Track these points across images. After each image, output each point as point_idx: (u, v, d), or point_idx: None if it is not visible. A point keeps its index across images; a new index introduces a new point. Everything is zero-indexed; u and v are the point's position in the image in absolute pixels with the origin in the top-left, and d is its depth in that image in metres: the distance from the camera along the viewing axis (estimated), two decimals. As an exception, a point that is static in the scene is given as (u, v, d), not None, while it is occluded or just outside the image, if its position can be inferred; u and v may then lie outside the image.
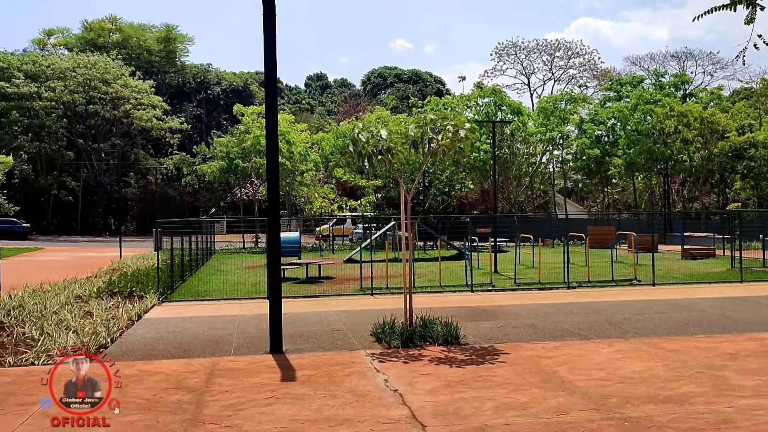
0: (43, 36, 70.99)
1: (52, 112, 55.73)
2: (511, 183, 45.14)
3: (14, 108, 53.96)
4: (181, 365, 8.30)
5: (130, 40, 68.72)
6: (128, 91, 57.61)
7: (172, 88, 67.99)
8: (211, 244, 29.65)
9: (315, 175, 43.96)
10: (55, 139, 56.95)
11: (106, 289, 15.52)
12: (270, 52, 9.10)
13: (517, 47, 70.60)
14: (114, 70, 58.45)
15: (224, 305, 13.87)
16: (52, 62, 58.06)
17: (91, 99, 56.36)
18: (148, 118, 57.57)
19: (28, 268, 24.11)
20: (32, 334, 10.09)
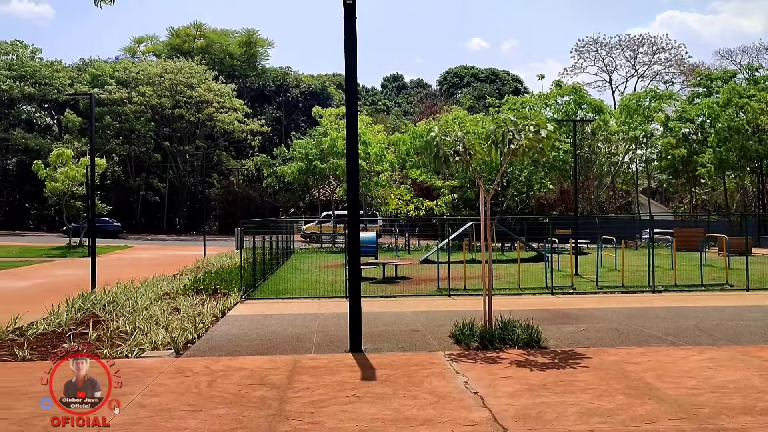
0: (133, 44, 74.51)
1: (141, 116, 58.39)
2: (592, 183, 43.95)
3: (107, 113, 56.82)
4: (265, 362, 8.52)
5: (213, 46, 71.09)
6: (211, 94, 59.63)
7: (253, 92, 69.87)
8: (291, 244, 30.28)
9: (391, 176, 44.19)
10: (143, 142, 59.60)
11: (192, 287, 16.11)
12: (350, 53, 9.21)
13: (599, 44, 68.71)
14: (198, 74, 60.63)
15: (304, 303, 14.13)
16: (141, 68, 60.80)
17: (177, 103, 58.69)
18: (230, 121, 59.42)
19: (120, 265, 25.35)
20: (125, 328, 10.59)
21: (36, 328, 10.65)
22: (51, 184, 36.69)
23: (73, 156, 38.32)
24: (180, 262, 24.64)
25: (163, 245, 42.24)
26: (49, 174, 36.95)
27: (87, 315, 12.03)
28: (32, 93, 58.90)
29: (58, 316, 11.56)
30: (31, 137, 57.87)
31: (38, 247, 36.79)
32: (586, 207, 43.03)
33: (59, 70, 62.03)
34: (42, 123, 64.08)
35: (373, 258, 23.09)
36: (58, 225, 51.44)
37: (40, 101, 61.87)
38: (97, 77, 60.54)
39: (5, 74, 58.15)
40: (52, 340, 10.05)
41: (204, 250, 29.27)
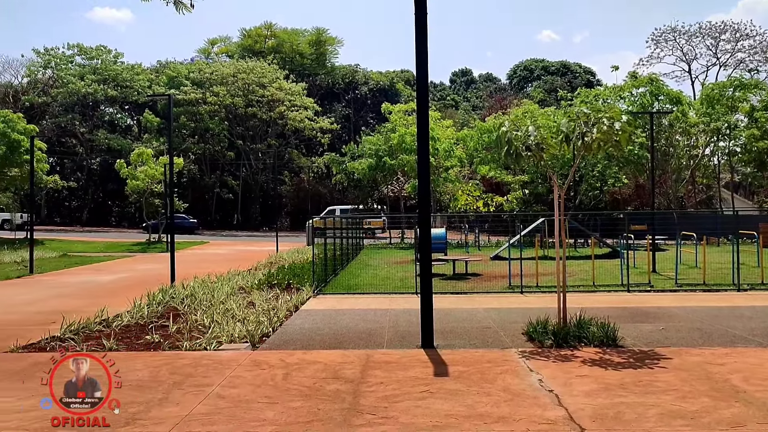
0: (207, 45, 76.77)
1: (215, 115, 60.10)
2: (670, 177, 42.35)
3: (183, 113, 58.76)
4: (338, 356, 8.63)
5: (284, 45, 72.38)
6: (282, 93, 60.76)
7: (323, 90, 70.77)
8: (360, 240, 30.54)
9: (460, 172, 43.90)
10: (217, 141, 61.32)
11: (265, 281, 16.49)
12: (421, 48, 9.19)
13: (677, 32, 66.06)
14: (270, 74, 61.89)
15: (374, 299, 14.22)
16: (215, 69, 62.57)
17: (250, 102, 60.10)
18: (301, 119, 60.41)
19: (197, 260, 26.19)
20: (203, 321, 10.94)
21: (121, 320, 11.15)
22: (132, 182, 38.24)
23: (152, 155, 39.84)
24: (253, 258, 25.25)
25: (237, 241, 43.39)
26: (130, 173, 38.53)
27: (167, 308, 12.49)
28: (114, 95, 61.55)
29: (140, 309, 12.06)
30: (114, 137, 60.48)
31: (120, 243, 38.45)
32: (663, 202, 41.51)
33: (139, 73, 64.56)
34: (123, 124, 66.85)
35: (443, 254, 23.01)
36: (138, 221, 53.60)
37: (121, 103, 64.58)
38: (174, 78, 62.67)
39: (90, 78, 60.96)
40: (135, 331, 10.49)
41: (276, 246, 29.89)
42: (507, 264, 16.98)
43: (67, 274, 21.75)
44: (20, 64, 66.87)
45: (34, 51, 64.13)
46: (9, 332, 10.52)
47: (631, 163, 40.98)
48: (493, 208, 40.37)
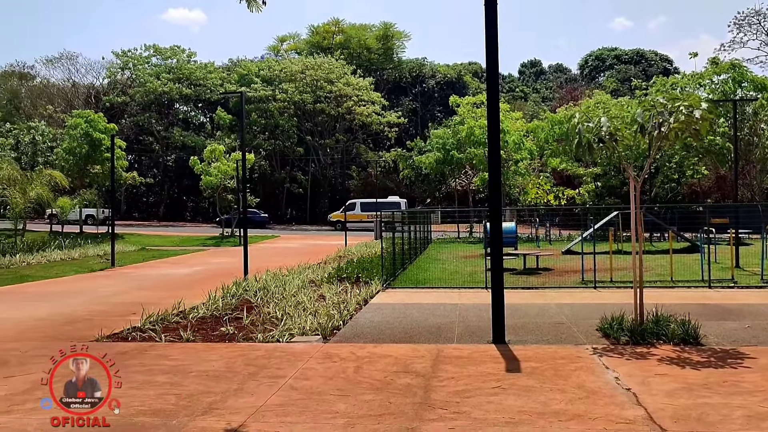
0: (277, 43, 78.09)
1: (284, 112, 61.14)
2: (754, 168, 40.33)
3: (254, 110, 60.04)
4: (408, 350, 8.62)
5: (351, 41, 72.87)
6: (350, 89, 61.22)
7: (390, 84, 70.89)
8: (428, 234, 30.46)
9: (530, 164, 43.12)
10: (287, 137, 62.39)
11: (335, 275, 16.67)
12: (491, 39, 9.06)
13: (761, 15, 62.74)
14: (337, 69, 62.44)
15: (443, 293, 14.15)
16: (284, 66, 63.62)
17: (318, 98, 60.82)
18: (368, 114, 60.72)
19: (268, 254, 26.74)
20: (276, 313, 11.14)
21: (197, 312, 11.49)
22: (206, 178, 39.37)
23: (224, 151, 40.90)
24: (323, 251, 25.58)
25: (307, 235, 44.06)
26: (203, 169, 39.68)
27: (240, 301, 12.79)
28: (188, 94, 63.47)
29: (215, 301, 12.40)
30: (188, 135, 62.39)
31: (195, 237, 39.68)
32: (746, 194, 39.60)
33: (211, 71, 66.31)
34: (197, 121, 68.87)
35: (513, 249, 22.67)
36: (212, 216, 55.18)
37: (195, 101, 66.52)
38: (244, 76, 64.07)
39: (166, 77, 63.07)
40: (211, 323, 10.79)
41: (345, 240, 30.18)
42: (579, 258, 16.58)
43: (146, 267, 22.61)
44: (101, 66, 69.76)
45: (114, 53, 66.82)
46: (95, 323, 11.02)
47: (712, 153, 39.26)
48: (565, 202, 39.51)
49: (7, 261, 22.77)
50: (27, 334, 10.23)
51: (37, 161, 40.53)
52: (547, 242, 31.89)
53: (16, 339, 9.83)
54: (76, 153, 39.20)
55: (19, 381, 7.29)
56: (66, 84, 70.13)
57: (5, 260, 22.80)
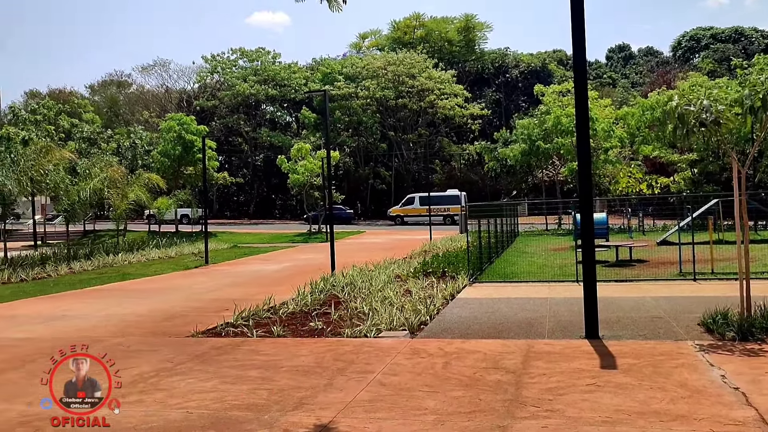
0: (359, 40, 78.77)
1: (367, 108, 61.59)
2: None
3: (337, 108, 60.84)
4: (497, 345, 8.45)
5: (432, 34, 72.52)
6: (432, 82, 60.95)
7: (472, 76, 70.09)
8: (515, 227, 29.91)
9: (620, 153, 41.53)
10: (370, 133, 62.85)
11: (421, 270, 16.61)
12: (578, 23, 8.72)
13: None
14: (419, 64, 62.30)
15: (533, 287, 13.82)
16: (366, 63, 64.09)
17: (400, 93, 60.90)
18: (451, 107, 60.26)
19: (354, 249, 27.01)
20: (363, 308, 11.19)
21: (287, 307, 11.71)
22: (293, 176, 40.22)
23: (310, 150, 41.65)
24: (408, 246, 25.59)
25: (392, 230, 44.25)
26: (290, 167, 40.55)
27: (328, 296, 12.94)
28: (274, 94, 65.05)
29: (304, 297, 12.60)
30: (275, 134, 63.97)
31: (284, 234, 40.64)
32: None
33: (295, 72, 67.68)
34: (283, 121, 70.47)
35: (604, 240, 21.89)
36: (299, 213, 56.33)
37: (280, 101, 68.09)
38: (327, 75, 65.00)
39: (252, 79, 64.90)
40: (300, 318, 10.96)
41: (430, 234, 30.07)
42: (676, 249, 15.79)
43: (238, 264, 23.33)
44: (191, 71, 72.67)
45: (203, 58, 69.38)
46: (190, 318, 11.44)
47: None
48: (658, 190, 37.83)
49: (111, 260, 24.05)
50: (129, 330, 10.73)
51: (136, 164, 42.62)
52: (640, 233, 30.63)
53: (121, 334, 10.33)
54: (170, 155, 40.95)
55: (123, 375, 7.60)
56: (160, 90, 73.51)
57: (109, 259, 24.09)
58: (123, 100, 74.82)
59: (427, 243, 25.93)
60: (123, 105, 73.14)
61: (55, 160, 24.85)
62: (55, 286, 17.50)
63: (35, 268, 20.71)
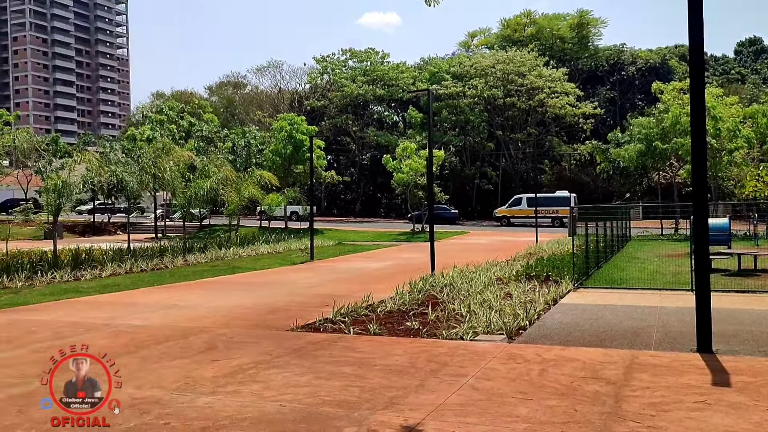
0: (467, 39, 78.26)
1: (475, 107, 61.02)
2: None
3: (444, 107, 60.69)
4: (598, 354, 8.07)
5: (543, 32, 70.85)
6: (542, 81, 59.51)
7: (585, 73, 67.80)
8: (627, 231, 28.61)
9: (747, 154, 38.72)
10: (477, 132, 62.24)
11: (523, 273, 16.21)
12: (695, 19, 8.18)
13: None
14: (529, 62, 61.03)
15: (642, 295, 13.14)
16: (474, 62, 63.52)
17: (509, 92, 59.90)
18: (562, 106, 58.57)
19: (456, 250, 26.81)
20: (461, 310, 11.05)
21: (384, 306, 11.76)
22: (398, 175, 40.49)
23: (415, 149, 41.78)
24: (512, 248, 25.09)
25: (497, 231, 43.59)
26: (395, 166, 40.85)
27: (427, 296, 12.89)
28: (382, 94, 65.83)
29: (402, 296, 12.62)
30: (381, 134, 64.71)
31: (388, 233, 40.99)
32: None
33: (403, 71, 68.15)
34: (390, 120, 71.15)
35: (726, 247, 20.48)
36: (403, 212, 56.67)
37: (388, 101, 68.80)
38: (435, 74, 64.99)
39: (361, 80, 66.01)
40: (397, 317, 10.98)
41: (536, 236, 29.34)
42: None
43: (341, 260, 23.76)
44: (303, 72, 74.94)
45: (314, 59, 71.34)
46: (293, 313, 11.74)
47: None
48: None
49: (223, 253, 25.18)
50: (235, 322, 11.15)
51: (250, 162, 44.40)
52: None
53: (226, 325, 10.75)
54: (281, 154, 42.35)
55: (224, 365, 7.93)
56: (273, 90, 76.27)
57: (221, 253, 25.23)
58: (238, 100, 78.26)
59: (532, 246, 25.31)
60: (238, 105, 76.50)
61: (175, 159, 26.33)
62: (170, 277, 18.52)
63: (154, 259, 22.00)
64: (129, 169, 24.48)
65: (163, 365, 7.96)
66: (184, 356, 8.44)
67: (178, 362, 8.10)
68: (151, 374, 7.55)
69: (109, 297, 14.56)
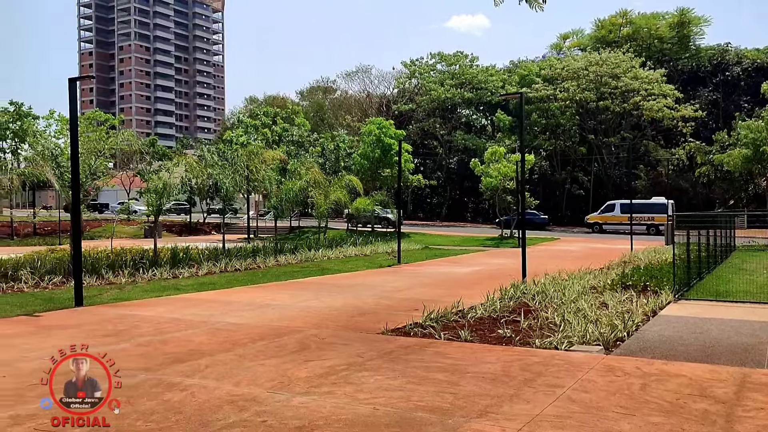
0: (559, 41, 76.49)
1: (566, 111, 59.54)
2: None
3: (534, 110, 59.57)
4: (705, 371, 7.63)
5: (640, 31, 68.24)
6: (638, 83, 57.31)
7: (685, 75, 64.79)
8: (731, 240, 27.09)
9: None
10: (568, 136, 60.69)
11: (619, 282, 15.61)
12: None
13: None
14: (624, 63, 58.94)
15: (751, 309, 12.35)
16: (566, 64, 61.98)
17: (602, 95, 58.05)
18: (659, 108, 56.16)
19: (546, 256, 26.19)
20: (554, 319, 10.74)
21: (475, 312, 11.60)
22: (486, 179, 40.06)
23: (504, 153, 41.20)
24: (604, 256, 24.27)
25: (588, 238, 42.32)
26: (483, 170, 40.43)
27: (518, 303, 12.62)
28: (470, 98, 65.40)
29: (492, 302, 12.41)
30: (469, 138, 64.25)
31: (475, 237, 40.59)
32: None
33: (492, 74, 67.43)
34: (478, 124, 70.52)
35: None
36: (491, 217, 55.98)
37: (476, 104, 68.25)
38: (525, 77, 63.91)
39: (449, 83, 65.80)
40: (488, 324, 10.80)
41: (631, 244, 28.22)
42: None
43: (428, 265, 23.68)
44: (391, 77, 75.51)
45: (402, 63, 71.68)
46: (381, 316, 11.78)
47: None
48: None
49: (312, 255, 25.64)
50: (325, 322, 11.30)
51: (339, 166, 45.12)
52: None
53: (317, 326, 10.91)
54: (369, 157, 42.78)
55: (317, 365, 8.03)
56: (361, 95, 77.25)
57: (310, 254, 25.70)
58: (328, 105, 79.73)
59: (627, 254, 24.37)
60: (327, 110, 77.93)
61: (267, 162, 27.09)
62: (263, 277, 19.02)
63: (247, 259, 22.67)
64: (224, 172, 25.37)
65: (258, 363, 8.15)
66: (278, 355, 8.61)
67: (273, 361, 8.27)
68: (248, 372, 7.74)
69: (206, 295, 15.10)
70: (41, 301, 13.86)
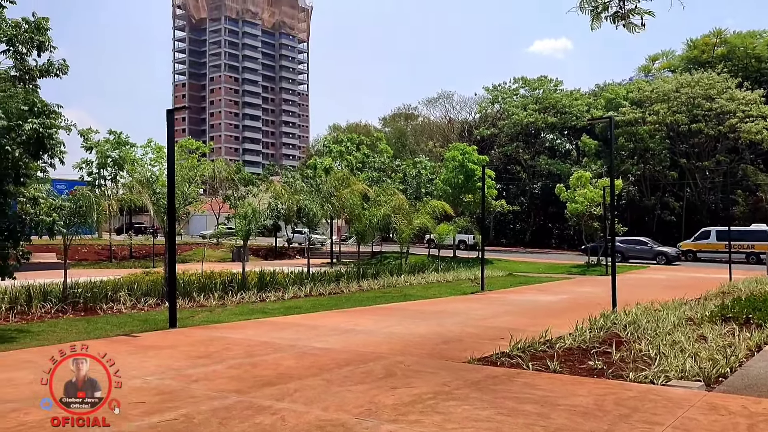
0: (648, 63, 74.26)
1: (655, 134, 57.54)
2: None
3: (621, 134, 57.88)
4: (820, 413, 7.09)
5: (735, 51, 65.32)
6: (734, 104, 54.73)
7: (785, 95, 61.38)
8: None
9: None
10: (658, 161, 58.52)
11: (718, 313, 14.79)
12: None
13: None
14: (719, 84, 56.51)
15: None
16: (655, 86, 60.02)
17: (695, 117, 55.78)
18: (758, 131, 53.33)
19: (636, 285, 25.22)
20: (648, 351, 10.28)
21: (563, 342, 11.26)
22: (571, 205, 39.13)
23: (590, 178, 40.17)
24: (698, 286, 23.13)
25: (680, 267, 40.45)
26: (569, 196, 39.52)
27: (608, 334, 12.16)
28: (554, 122, 64.33)
29: (582, 332, 12.01)
30: (553, 162, 63.06)
31: (560, 264, 39.60)
32: None
33: (577, 98, 66.15)
34: (562, 149, 69.20)
35: None
36: (576, 244, 54.46)
37: (560, 129, 67.06)
38: (611, 100, 62.31)
39: (532, 108, 65.03)
40: (577, 355, 10.45)
41: (730, 274, 26.76)
42: None
43: (513, 292, 23.26)
44: (473, 102, 75.41)
45: (485, 89, 71.49)
46: (466, 344, 11.63)
47: None
48: None
49: (394, 280, 25.70)
50: (409, 349, 11.26)
51: (420, 193, 45.28)
52: None
53: (401, 353, 10.88)
54: (452, 183, 42.70)
55: (404, 393, 7.99)
56: (443, 120, 77.51)
57: (392, 279, 25.76)
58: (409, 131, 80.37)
59: (725, 284, 23.11)
60: (409, 136, 78.54)
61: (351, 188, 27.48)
62: (346, 302, 19.21)
63: (331, 283, 22.97)
64: (311, 197, 25.93)
65: (346, 389, 8.19)
66: (364, 381, 8.64)
67: (360, 387, 8.29)
68: (335, 397, 7.79)
69: (293, 319, 15.38)
70: (138, 322, 14.50)
